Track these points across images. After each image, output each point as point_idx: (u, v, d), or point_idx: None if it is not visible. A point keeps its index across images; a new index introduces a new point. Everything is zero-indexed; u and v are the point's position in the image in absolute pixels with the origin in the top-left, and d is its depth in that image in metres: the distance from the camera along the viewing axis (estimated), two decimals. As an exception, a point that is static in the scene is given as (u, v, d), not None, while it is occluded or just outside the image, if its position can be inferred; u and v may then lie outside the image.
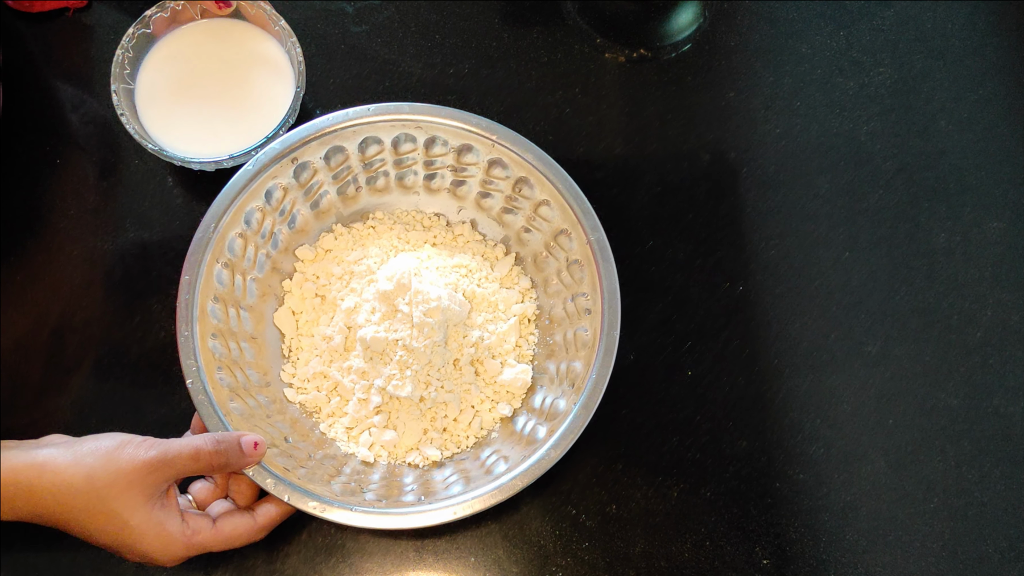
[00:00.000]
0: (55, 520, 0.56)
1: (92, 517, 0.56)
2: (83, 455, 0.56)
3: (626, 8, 0.83)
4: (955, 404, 0.70)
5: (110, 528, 0.56)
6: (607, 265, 0.65)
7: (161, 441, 0.57)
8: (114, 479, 0.55)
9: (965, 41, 0.80)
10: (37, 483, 0.55)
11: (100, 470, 0.55)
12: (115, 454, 0.56)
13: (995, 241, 0.74)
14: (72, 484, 0.55)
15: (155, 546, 0.57)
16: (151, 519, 0.57)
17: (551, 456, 0.61)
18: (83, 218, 0.75)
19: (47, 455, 0.56)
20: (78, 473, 0.55)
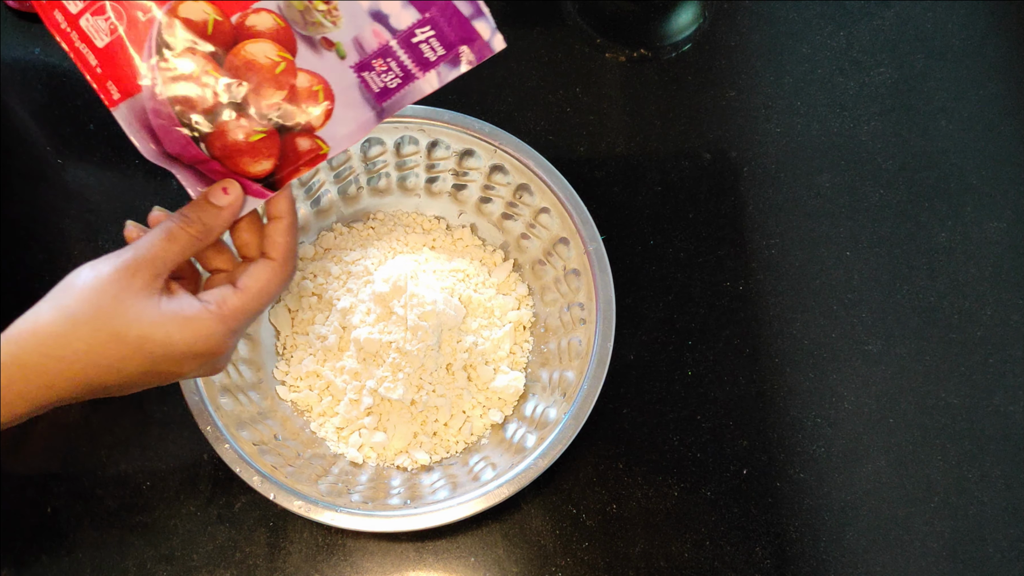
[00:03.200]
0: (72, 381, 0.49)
1: (103, 352, 0.48)
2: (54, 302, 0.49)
3: (626, 8, 0.83)
4: (956, 403, 0.70)
5: (130, 351, 0.49)
6: (604, 276, 0.65)
7: (125, 247, 0.50)
8: (99, 301, 0.48)
9: (965, 41, 0.80)
10: (23, 355, 0.48)
11: (79, 303, 0.48)
12: (85, 281, 0.49)
13: (996, 240, 0.74)
14: (58, 333, 0.48)
15: (188, 339, 0.49)
16: (164, 315, 0.49)
17: (539, 465, 0.61)
18: (83, 218, 0.75)
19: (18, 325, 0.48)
20: (58, 319, 0.48)
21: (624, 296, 0.69)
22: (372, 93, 0.50)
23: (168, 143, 0.50)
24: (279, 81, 0.49)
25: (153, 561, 0.66)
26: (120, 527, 0.67)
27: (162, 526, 0.67)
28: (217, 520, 0.67)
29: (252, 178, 0.51)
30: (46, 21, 0.50)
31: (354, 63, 0.50)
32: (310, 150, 0.51)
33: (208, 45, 0.49)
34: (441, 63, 0.50)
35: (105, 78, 0.50)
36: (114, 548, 0.66)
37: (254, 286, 0.52)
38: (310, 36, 0.49)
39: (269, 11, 0.49)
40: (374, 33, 0.49)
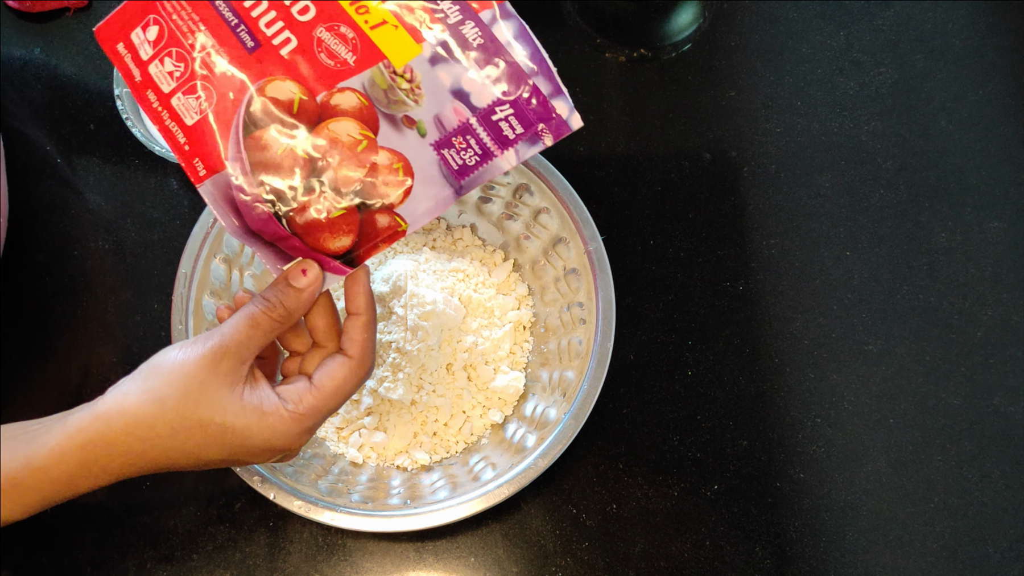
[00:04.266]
0: (153, 461, 0.50)
1: (185, 437, 0.50)
2: (142, 382, 0.50)
3: (626, 8, 0.83)
4: (956, 403, 0.70)
5: (210, 439, 0.50)
6: (604, 276, 0.65)
7: (212, 331, 0.51)
8: (186, 388, 0.49)
9: (965, 41, 0.80)
10: (110, 434, 0.49)
11: (167, 387, 0.49)
12: (173, 365, 0.50)
13: (996, 240, 0.74)
14: (146, 415, 0.49)
15: (265, 434, 0.51)
16: (246, 408, 0.50)
17: (538, 465, 0.61)
18: (83, 218, 0.75)
19: (107, 402, 0.50)
20: (146, 401, 0.49)
21: (624, 296, 0.69)
22: (451, 170, 0.51)
23: (250, 219, 0.51)
24: (361, 159, 0.50)
25: (153, 561, 0.66)
26: (120, 527, 0.67)
27: (162, 526, 0.67)
28: (217, 520, 0.67)
29: (331, 255, 0.51)
30: (139, 101, 0.51)
31: (434, 141, 0.50)
32: (388, 227, 0.51)
33: (293, 123, 0.50)
34: (520, 141, 0.50)
35: (192, 155, 0.51)
36: (114, 548, 0.66)
37: (330, 385, 0.52)
38: (393, 114, 0.50)
39: (354, 90, 0.50)
40: (455, 111, 0.50)
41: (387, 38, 0.50)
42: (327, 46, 0.50)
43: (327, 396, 0.52)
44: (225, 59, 0.50)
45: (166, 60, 0.51)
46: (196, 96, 0.50)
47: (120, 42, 0.52)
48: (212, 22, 0.51)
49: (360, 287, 0.53)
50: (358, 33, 0.50)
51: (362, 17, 0.50)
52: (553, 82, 0.50)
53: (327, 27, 0.50)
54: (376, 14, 0.50)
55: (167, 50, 0.51)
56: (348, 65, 0.50)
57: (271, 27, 0.50)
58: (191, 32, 0.51)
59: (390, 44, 0.50)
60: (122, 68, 0.52)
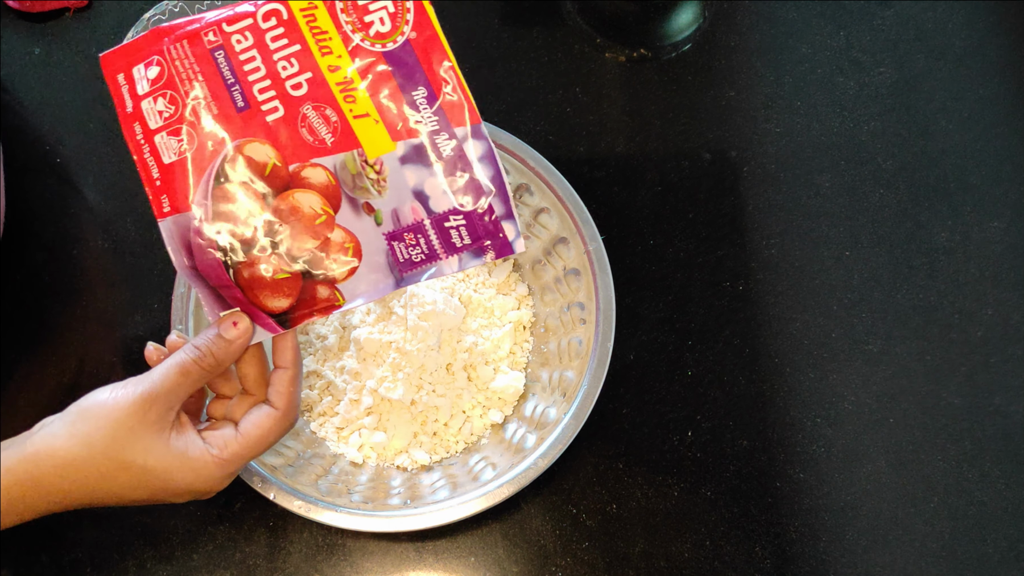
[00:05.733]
0: (78, 499, 0.53)
1: (112, 479, 0.52)
2: (72, 424, 0.52)
3: (626, 8, 0.83)
4: (956, 403, 0.70)
5: (135, 481, 0.53)
6: (604, 275, 0.65)
7: (142, 375, 0.53)
8: (114, 432, 0.52)
9: (965, 41, 0.80)
10: (39, 473, 0.51)
11: (96, 431, 0.52)
12: (103, 409, 0.52)
13: (996, 240, 0.74)
14: (75, 458, 0.51)
15: (188, 478, 0.53)
16: (170, 453, 0.53)
17: (539, 465, 0.62)
18: (83, 217, 0.75)
19: (36, 443, 0.52)
20: (75, 444, 0.52)
21: (624, 296, 0.69)
22: (397, 262, 0.55)
23: (201, 263, 0.54)
24: (316, 231, 0.54)
25: (153, 561, 0.66)
26: (120, 527, 0.67)
27: (162, 526, 0.67)
28: (217, 520, 0.67)
29: (267, 312, 0.54)
30: (124, 130, 0.54)
31: (388, 231, 0.55)
32: (327, 299, 0.55)
33: (262, 184, 0.53)
34: (465, 251, 0.55)
35: (161, 192, 0.54)
36: (114, 548, 0.66)
37: (255, 433, 0.55)
38: (355, 198, 0.54)
39: (325, 168, 0.54)
40: (412, 210, 0.54)
41: (366, 130, 0.54)
42: (310, 123, 0.54)
43: (251, 444, 0.55)
44: (214, 112, 0.54)
45: (159, 99, 0.54)
46: (179, 139, 0.54)
47: (121, 72, 0.55)
48: (210, 76, 0.54)
49: (288, 343, 0.56)
50: (341, 118, 0.54)
51: (348, 105, 0.54)
52: (507, 205, 0.55)
53: (314, 106, 0.54)
54: (361, 105, 0.54)
55: (163, 91, 0.54)
56: (325, 145, 0.54)
57: (263, 93, 0.54)
58: (189, 80, 0.54)
59: (368, 136, 0.54)
60: (116, 96, 0.55)
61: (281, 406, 0.55)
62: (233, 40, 0.54)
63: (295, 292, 0.54)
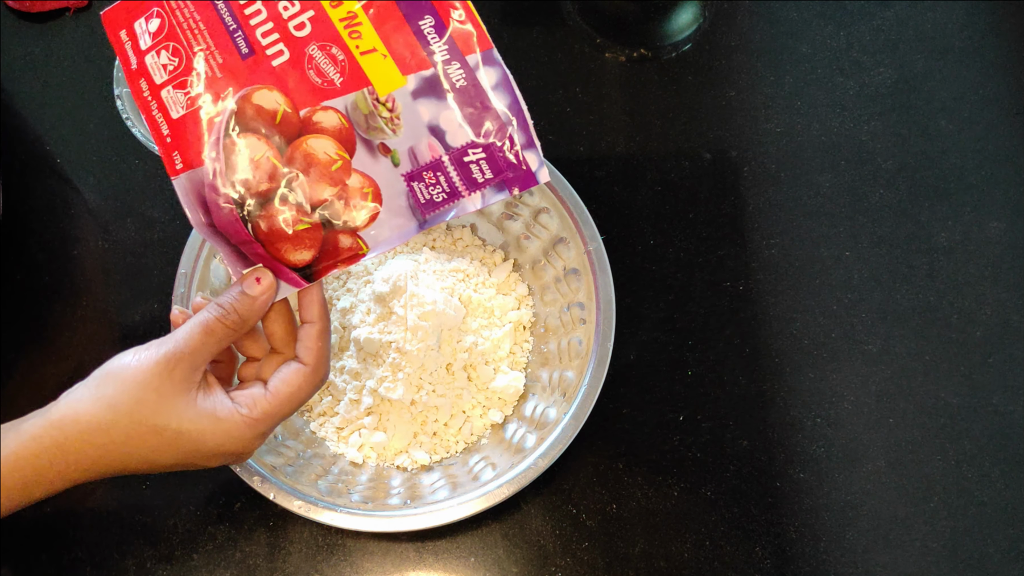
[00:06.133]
0: (107, 466, 0.51)
1: (139, 443, 0.51)
2: (96, 388, 0.51)
3: (626, 8, 0.83)
4: (955, 403, 0.70)
5: (163, 444, 0.51)
6: (604, 275, 0.65)
7: (166, 336, 0.52)
8: (139, 394, 0.50)
9: (965, 41, 0.80)
10: (65, 441, 0.50)
11: (121, 394, 0.50)
12: (126, 371, 0.51)
13: (995, 240, 0.74)
14: (100, 421, 0.50)
15: (218, 439, 0.52)
16: (200, 414, 0.51)
17: (539, 465, 0.62)
18: (83, 218, 0.75)
19: (61, 409, 0.51)
20: (99, 408, 0.50)
21: (624, 296, 0.69)
22: (418, 203, 0.52)
23: (218, 219, 0.52)
24: (333, 178, 0.52)
25: (153, 561, 0.66)
26: (120, 526, 0.67)
27: (162, 526, 0.67)
28: (217, 520, 0.67)
29: (290, 266, 0.53)
30: (131, 88, 0.53)
31: (406, 172, 0.52)
32: (350, 248, 0.53)
33: (274, 133, 0.51)
34: (488, 186, 0.52)
35: (172, 148, 0.52)
36: (114, 547, 0.66)
37: (285, 391, 0.53)
38: (370, 140, 0.52)
39: (336, 110, 0.52)
40: (429, 146, 0.52)
41: (375, 66, 0.52)
42: (317, 64, 0.52)
43: (282, 402, 0.53)
44: (219, 61, 0.52)
45: (162, 53, 0.52)
46: (185, 92, 0.52)
47: (123, 29, 0.53)
48: (212, 24, 0.52)
49: (314, 297, 0.54)
50: (348, 56, 0.52)
51: (354, 42, 0.52)
52: (527, 134, 0.52)
53: (320, 46, 0.52)
54: (368, 40, 0.52)
55: (165, 43, 0.52)
56: (334, 86, 0.52)
57: (267, 37, 0.52)
58: (191, 30, 0.52)
59: (377, 72, 0.52)
60: (121, 54, 0.53)
61: (311, 361, 0.54)
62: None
63: (317, 243, 0.52)
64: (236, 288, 0.52)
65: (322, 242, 0.52)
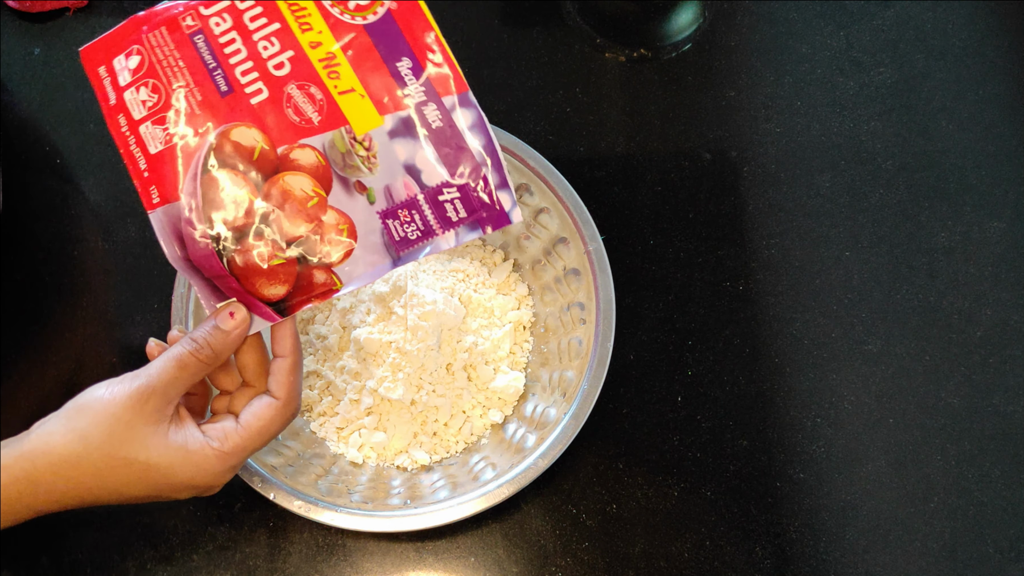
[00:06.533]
0: (77, 498, 0.52)
1: (109, 476, 0.51)
2: (68, 420, 0.51)
3: (626, 8, 0.83)
4: (956, 403, 0.70)
5: (133, 477, 0.51)
6: (604, 275, 0.65)
7: (139, 370, 0.52)
8: (111, 428, 0.50)
9: (965, 41, 0.80)
10: (35, 472, 0.50)
11: (93, 427, 0.51)
12: (99, 404, 0.51)
13: (996, 240, 0.74)
14: (71, 454, 0.50)
15: (189, 472, 0.52)
16: (170, 447, 0.51)
17: (539, 465, 0.62)
18: (83, 217, 0.75)
19: (32, 440, 0.51)
20: (71, 440, 0.50)
21: (624, 296, 0.69)
22: (392, 241, 0.53)
23: (193, 253, 0.53)
24: (309, 214, 0.52)
25: (153, 561, 0.66)
26: (120, 527, 0.67)
27: (162, 526, 0.67)
28: (217, 520, 0.67)
29: (264, 301, 0.53)
30: (109, 123, 0.53)
31: (382, 210, 0.53)
32: (324, 283, 0.53)
33: (251, 170, 0.52)
34: (462, 224, 0.53)
35: (150, 182, 0.53)
36: (114, 548, 0.66)
37: (256, 424, 0.54)
38: (346, 178, 0.53)
39: (313, 148, 0.52)
40: (405, 185, 0.53)
41: (353, 105, 0.52)
42: (295, 103, 0.52)
43: (252, 435, 0.54)
44: (198, 98, 0.52)
45: (142, 89, 0.53)
46: (164, 128, 0.52)
47: (102, 65, 0.54)
48: (192, 62, 0.53)
49: (287, 331, 0.54)
50: (326, 96, 0.52)
51: (332, 81, 0.53)
52: (501, 174, 0.53)
53: (298, 85, 0.53)
54: (346, 81, 0.53)
55: (144, 80, 0.53)
56: (312, 124, 0.52)
57: (246, 76, 0.53)
58: (170, 68, 0.53)
59: (355, 111, 0.52)
60: (99, 89, 0.54)
61: (282, 396, 0.54)
62: (212, 23, 0.53)
63: (291, 278, 0.53)
64: (210, 322, 0.53)
65: (296, 277, 0.53)
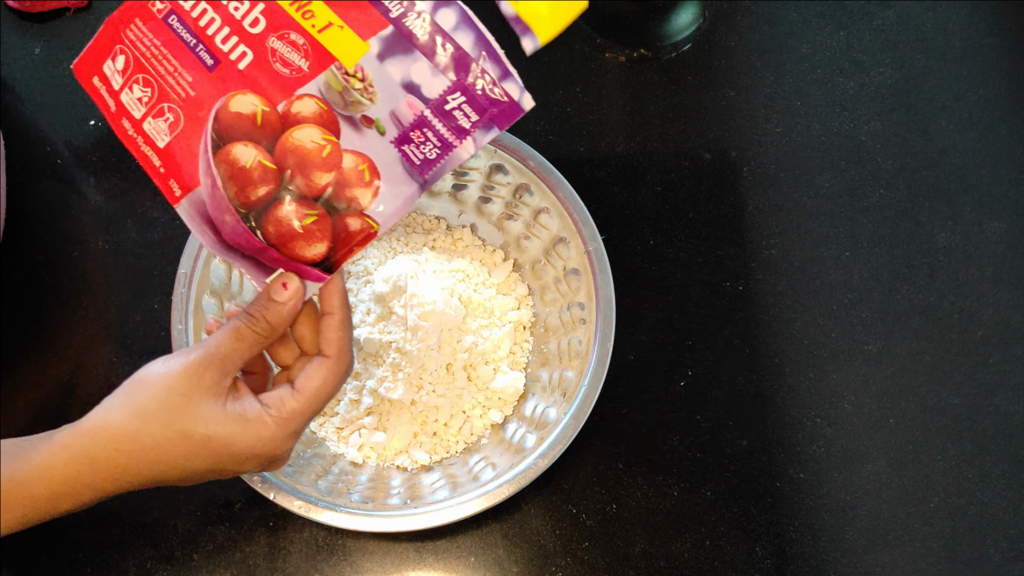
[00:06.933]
0: (137, 474, 0.51)
1: (170, 449, 0.50)
2: (126, 396, 0.50)
3: (626, 8, 0.83)
4: (956, 403, 0.70)
5: (194, 449, 0.51)
6: (604, 275, 0.65)
7: (196, 344, 0.52)
8: (168, 399, 0.50)
9: (965, 41, 0.80)
10: (94, 449, 0.50)
11: (150, 399, 0.50)
12: (155, 377, 0.50)
13: (996, 240, 0.74)
14: (129, 428, 0.50)
15: (250, 441, 0.51)
16: (228, 417, 0.51)
17: (539, 465, 0.62)
18: (84, 218, 0.75)
19: (91, 419, 0.50)
20: (128, 415, 0.50)
21: (624, 296, 0.69)
22: (414, 165, 0.51)
23: (228, 234, 0.52)
24: (326, 163, 0.51)
25: (153, 561, 0.66)
26: (120, 527, 0.67)
27: (162, 526, 0.67)
28: (217, 520, 0.67)
29: (308, 263, 0.52)
30: (116, 131, 0.53)
31: (394, 137, 0.51)
32: (361, 229, 0.52)
33: (259, 135, 0.51)
34: (476, 129, 0.50)
35: (167, 176, 0.52)
36: (114, 548, 0.66)
37: (310, 387, 0.53)
38: (351, 115, 0.51)
39: (312, 96, 0.51)
40: (408, 105, 0.50)
41: (335, 39, 0.51)
42: (281, 55, 0.51)
43: (308, 398, 0.53)
44: (188, 79, 0.52)
45: (134, 87, 0.53)
46: (165, 119, 0.52)
47: (95, 75, 0.54)
48: (172, 44, 0.52)
49: (333, 287, 0.53)
50: (307, 38, 0.51)
51: (309, 22, 0.51)
52: (500, 65, 0.50)
53: (278, 36, 0.51)
54: (322, 17, 0.51)
55: (134, 77, 0.52)
56: (303, 71, 0.51)
57: (226, 43, 0.52)
58: (154, 57, 0.52)
59: (338, 45, 0.51)
60: (98, 100, 0.54)
61: (332, 352, 0.53)
62: (180, 0, 0.52)
63: (327, 233, 0.52)
64: (263, 296, 0.52)
65: (332, 230, 0.52)
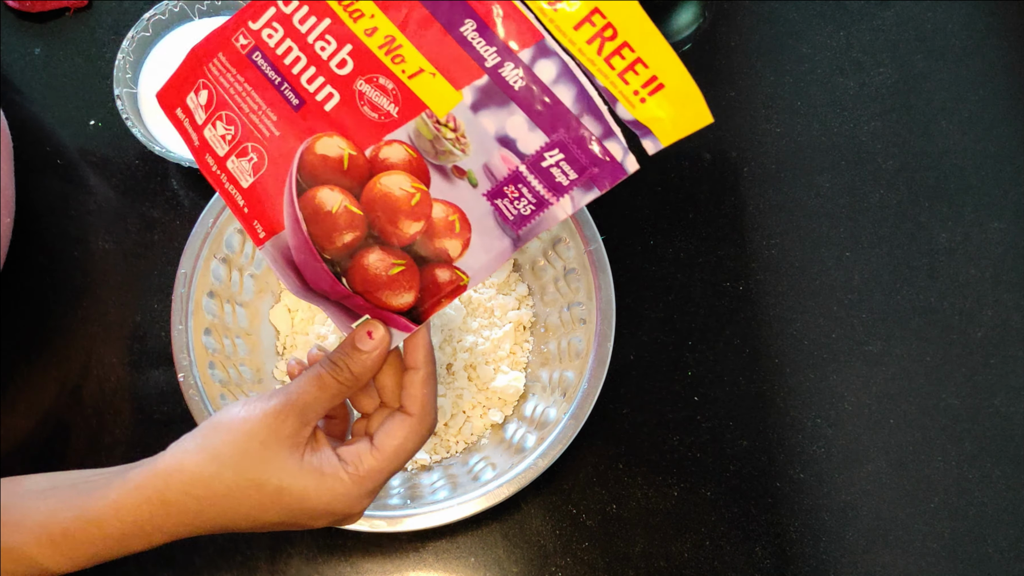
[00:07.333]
0: (209, 521, 0.49)
1: (243, 499, 0.48)
2: (203, 438, 0.49)
3: (626, 8, 0.82)
4: (956, 404, 0.70)
5: (267, 501, 0.49)
6: (604, 276, 0.65)
7: (279, 388, 0.50)
8: (245, 447, 0.48)
9: (965, 41, 0.80)
10: (168, 492, 0.48)
11: (227, 445, 0.48)
12: (234, 422, 0.48)
13: (996, 241, 0.74)
14: (203, 473, 0.48)
15: (325, 498, 0.49)
16: (304, 471, 0.48)
17: (538, 465, 0.62)
18: (84, 219, 0.75)
19: (166, 459, 0.49)
20: (203, 459, 0.48)
21: (624, 296, 0.69)
22: (507, 221, 0.49)
23: (312, 279, 0.50)
24: (415, 212, 0.49)
25: (153, 563, 0.66)
26: (120, 527, 0.67)
27: (162, 526, 0.67)
28: (217, 520, 0.67)
29: (395, 311, 0.50)
30: (200, 167, 0.51)
31: (486, 191, 0.49)
32: (450, 281, 0.50)
33: (345, 180, 0.49)
34: (574, 187, 0.48)
35: (252, 217, 0.50)
36: (114, 548, 0.66)
37: (390, 445, 0.50)
38: (442, 165, 0.49)
39: (401, 142, 0.49)
40: (503, 159, 0.48)
41: (426, 86, 0.49)
42: (369, 99, 0.49)
43: (388, 457, 0.50)
44: (272, 119, 0.50)
45: (217, 124, 0.51)
46: (248, 158, 0.50)
47: (178, 107, 0.52)
48: (256, 82, 0.50)
49: (419, 340, 0.51)
50: (397, 83, 0.49)
51: (399, 66, 0.49)
52: (603, 123, 0.47)
53: (366, 79, 0.49)
54: (412, 62, 0.49)
55: (217, 113, 0.51)
56: (392, 116, 0.49)
57: (312, 83, 0.49)
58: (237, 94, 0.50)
59: (430, 93, 0.48)
60: (182, 132, 0.52)
61: (416, 410, 0.51)
62: (264, 36, 0.50)
63: (415, 284, 0.49)
64: (348, 344, 0.50)
65: (420, 281, 0.50)
